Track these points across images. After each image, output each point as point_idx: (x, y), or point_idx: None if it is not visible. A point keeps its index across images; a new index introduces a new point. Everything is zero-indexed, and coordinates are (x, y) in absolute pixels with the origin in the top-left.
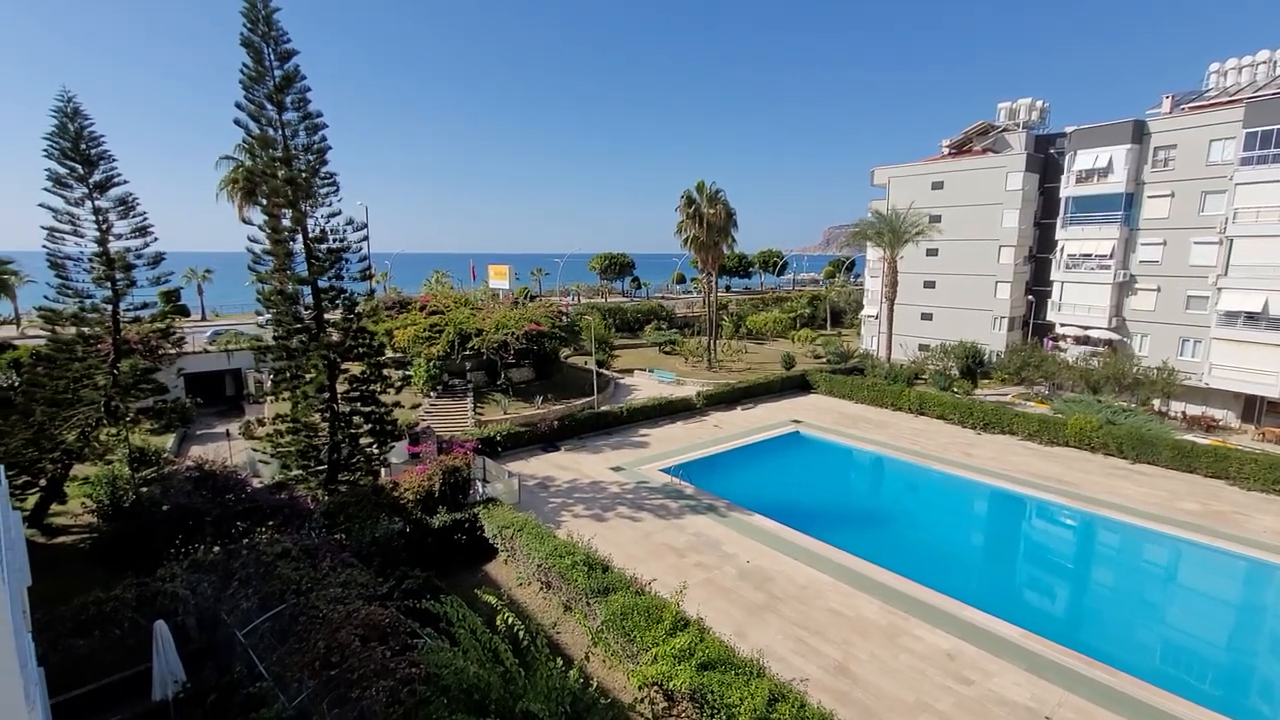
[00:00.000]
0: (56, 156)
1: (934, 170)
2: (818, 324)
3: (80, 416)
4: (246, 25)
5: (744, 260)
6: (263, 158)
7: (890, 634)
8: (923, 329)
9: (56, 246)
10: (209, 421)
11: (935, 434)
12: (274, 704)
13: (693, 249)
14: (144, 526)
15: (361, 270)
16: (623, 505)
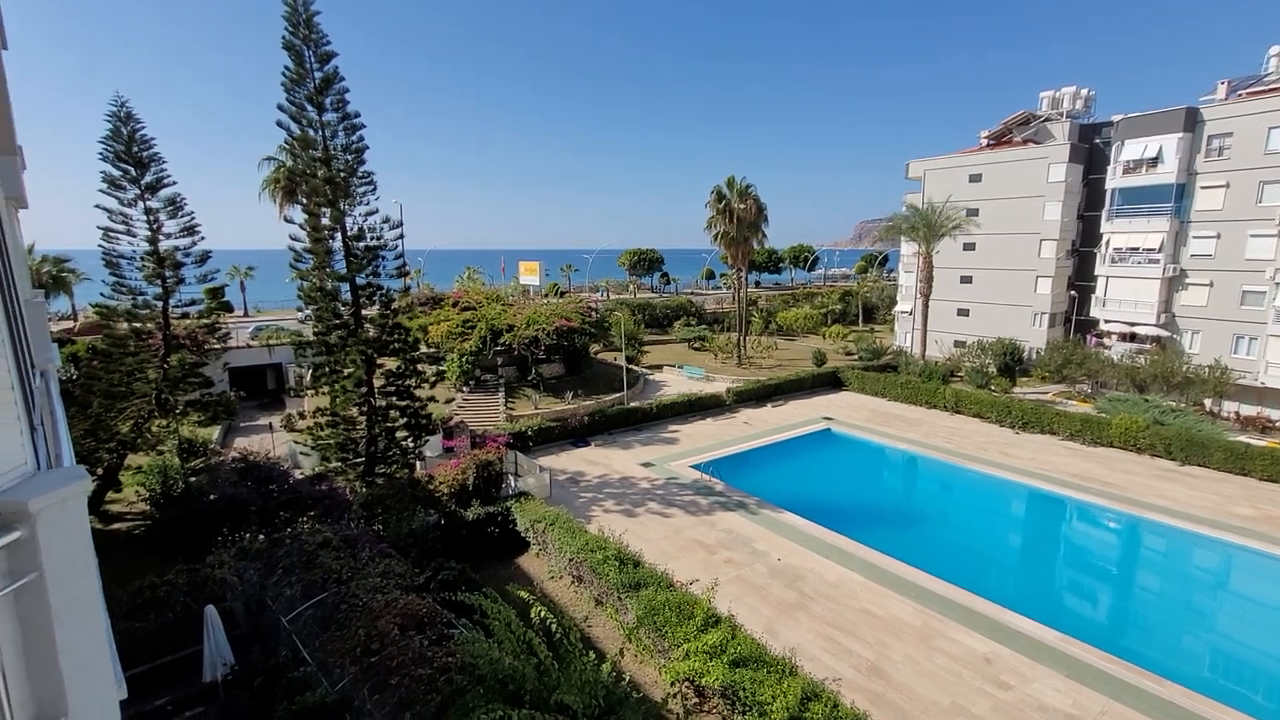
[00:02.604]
0: (111, 159)
1: (972, 162)
2: (849, 320)
3: (133, 408)
4: (288, 29)
5: (774, 256)
6: (303, 158)
7: (925, 635)
8: (959, 325)
9: (111, 245)
10: (252, 414)
11: (971, 433)
12: (317, 689)
13: (722, 244)
14: (193, 515)
15: (397, 267)
16: (653, 501)
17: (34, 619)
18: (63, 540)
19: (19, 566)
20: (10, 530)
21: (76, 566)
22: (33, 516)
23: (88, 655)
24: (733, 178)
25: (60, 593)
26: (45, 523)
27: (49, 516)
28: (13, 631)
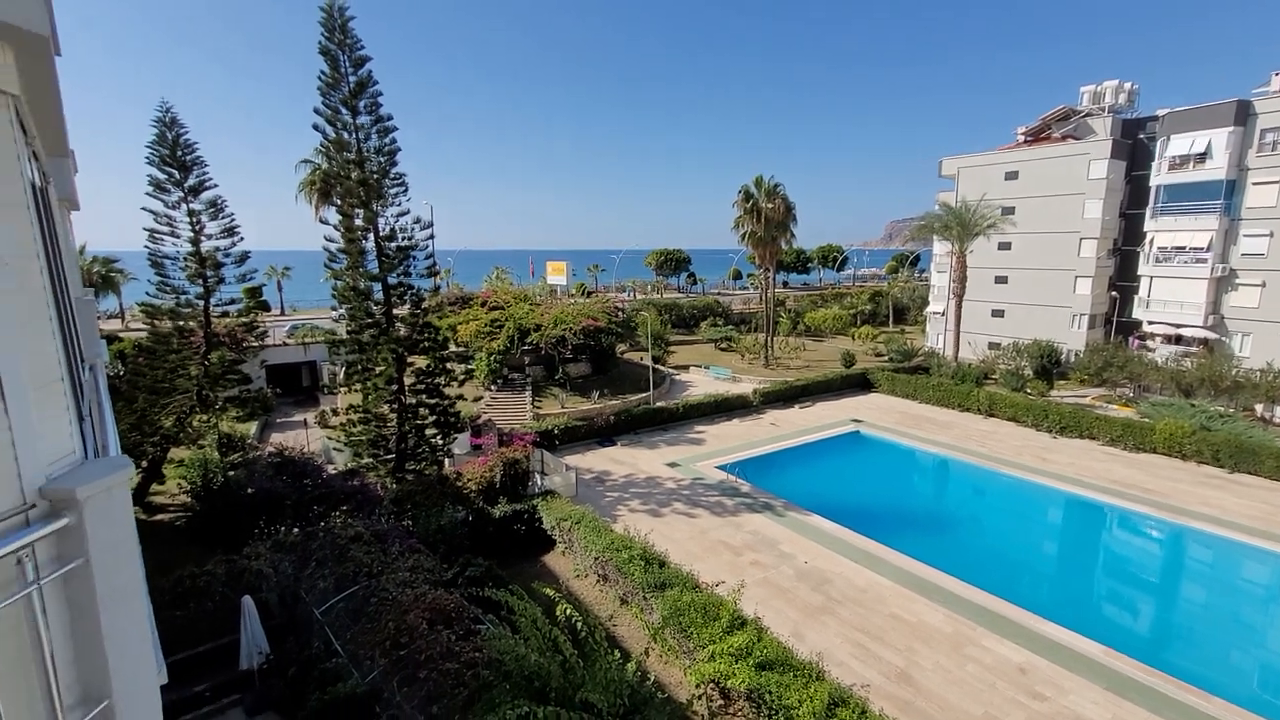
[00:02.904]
0: (156, 163)
1: (1008, 159)
2: (879, 321)
3: (176, 403)
4: (324, 34)
5: (802, 256)
6: (338, 160)
7: (956, 643)
8: (993, 326)
9: (156, 246)
10: (287, 410)
11: (1006, 437)
12: (348, 679)
13: (750, 244)
14: (231, 507)
15: (427, 267)
16: (679, 501)
17: (80, 604)
18: (108, 528)
19: (67, 552)
20: (59, 517)
21: (121, 554)
22: (80, 504)
23: (131, 641)
24: (760, 177)
25: (105, 579)
26: (92, 510)
27: (95, 504)
28: (60, 616)
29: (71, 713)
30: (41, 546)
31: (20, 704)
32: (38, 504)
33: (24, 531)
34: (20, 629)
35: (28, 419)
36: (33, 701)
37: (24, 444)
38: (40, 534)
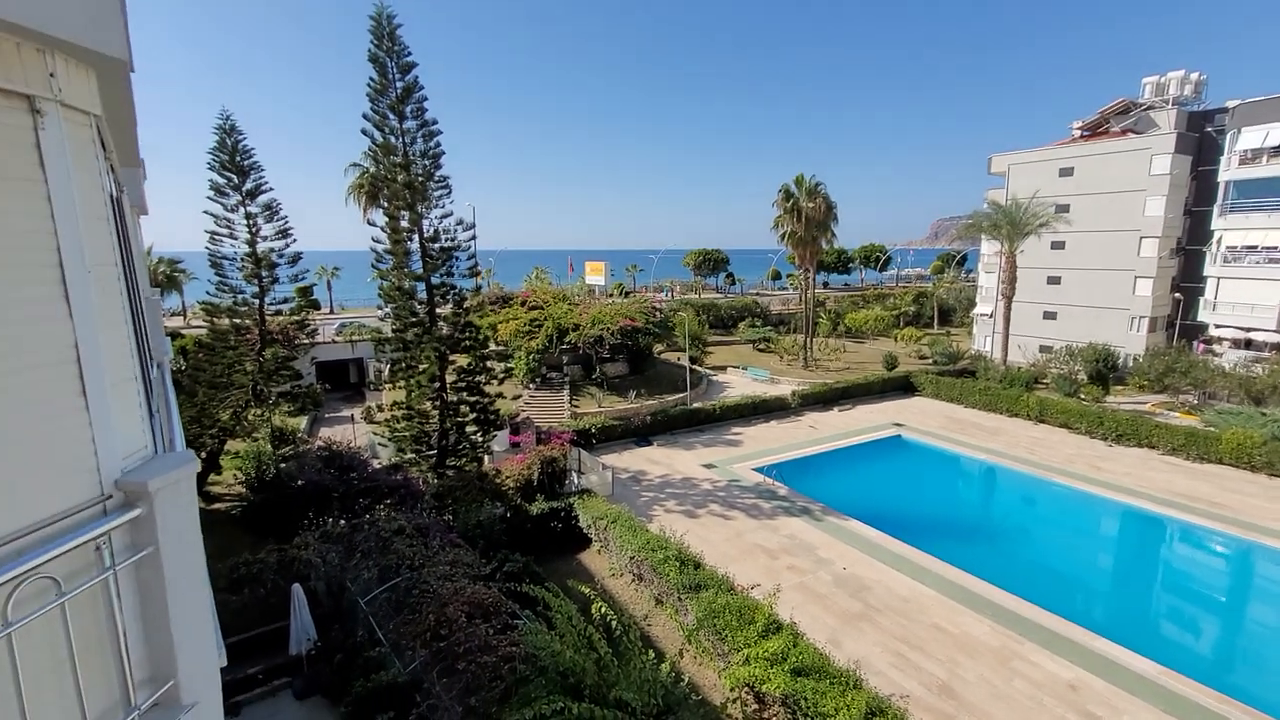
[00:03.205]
0: (217, 168)
1: (1063, 155)
2: (923, 322)
3: (233, 398)
4: (373, 42)
5: (843, 255)
6: (385, 164)
7: (1002, 657)
8: (1045, 329)
9: (216, 248)
10: (336, 406)
11: (1057, 444)
12: (391, 668)
13: (790, 244)
14: (283, 498)
15: (469, 267)
16: (714, 503)
17: (150, 589)
18: (175, 517)
19: (139, 540)
20: (132, 507)
21: (186, 542)
22: (151, 495)
23: (195, 624)
24: (801, 176)
25: (173, 566)
26: (161, 501)
27: (165, 496)
28: (132, 599)
29: (141, 689)
30: (116, 535)
31: (97, 679)
32: (114, 495)
33: (102, 521)
34: (97, 611)
35: (107, 416)
36: (108, 678)
37: (103, 439)
38: (116, 523)
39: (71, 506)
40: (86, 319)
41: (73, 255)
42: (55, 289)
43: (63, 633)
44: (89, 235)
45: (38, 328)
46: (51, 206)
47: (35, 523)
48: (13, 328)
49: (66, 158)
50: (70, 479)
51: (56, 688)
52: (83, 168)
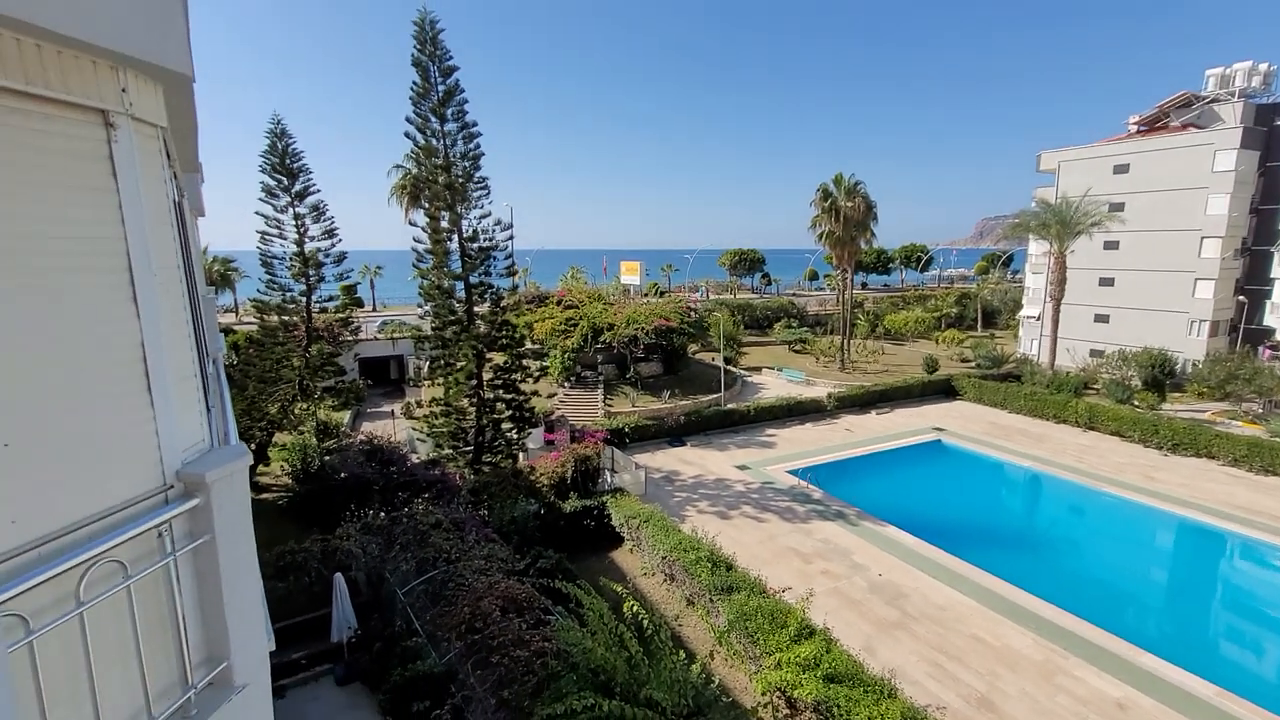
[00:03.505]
0: (268, 170)
1: (1117, 151)
2: (966, 324)
3: (281, 392)
4: (416, 46)
5: (883, 255)
6: (426, 165)
7: (1045, 671)
8: (1096, 332)
9: (266, 247)
10: (377, 401)
11: (1108, 452)
12: (427, 658)
13: (827, 244)
14: (326, 490)
15: (506, 267)
16: (747, 505)
17: (206, 575)
18: (230, 508)
19: (196, 529)
20: (191, 497)
21: (239, 531)
22: (208, 486)
23: (246, 609)
24: (840, 175)
25: (227, 554)
26: (218, 492)
27: (220, 487)
28: (191, 584)
29: (198, 670)
30: (177, 523)
31: (159, 659)
32: (175, 485)
33: (164, 509)
34: (159, 594)
35: (169, 411)
36: (168, 658)
37: (166, 433)
38: (176, 512)
39: (137, 495)
40: (152, 320)
41: (141, 260)
42: (125, 292)
43: (128, 614)
44: (155, 240)
45: (109, 328)
46: (122, 214)
47: (105, 509)
48: (87, 328)
49: (136, 168)
50: (136, 470)
51: (122, 665)
52: (150, 177)
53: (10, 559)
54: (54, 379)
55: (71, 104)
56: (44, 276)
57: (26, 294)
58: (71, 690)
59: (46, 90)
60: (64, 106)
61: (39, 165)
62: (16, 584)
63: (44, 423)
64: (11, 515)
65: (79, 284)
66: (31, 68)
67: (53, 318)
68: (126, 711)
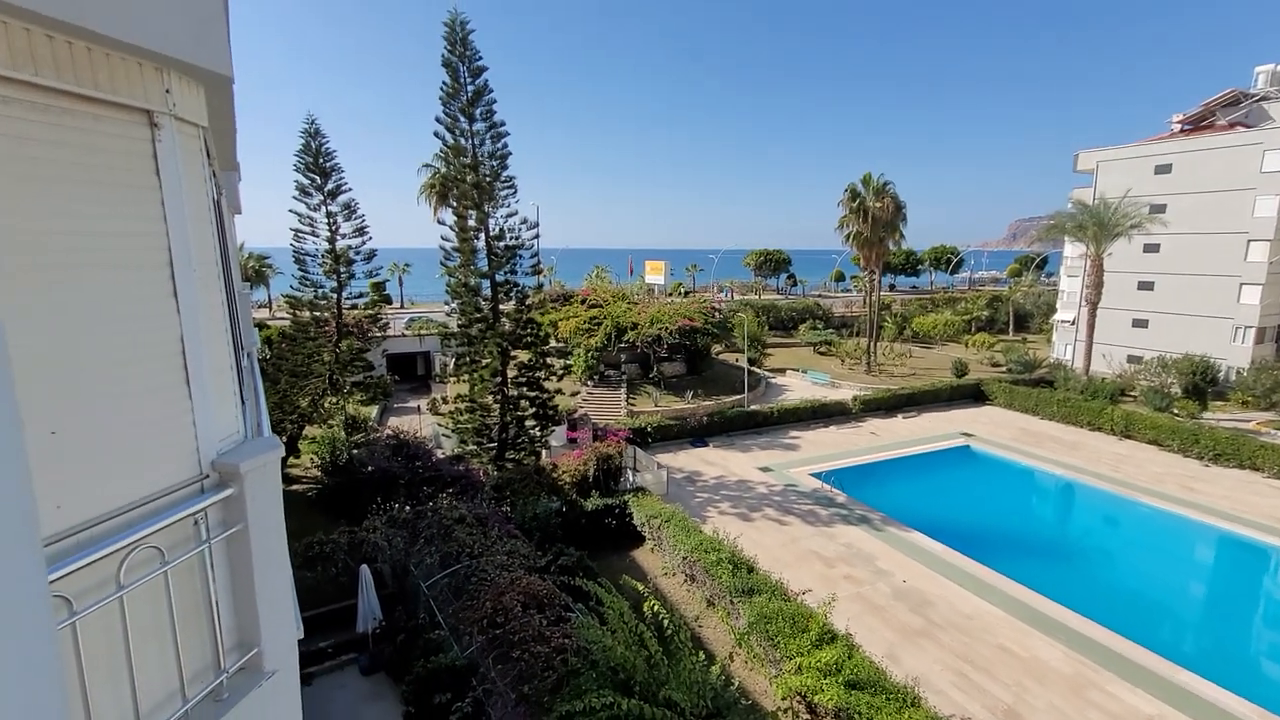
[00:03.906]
0: (302, 169)
1: (1159, 151)
2: (997, 328)
3: (312, 386)
4: (446, 47)
5: (912, 257)
6: (455, 164)
7: (1075, 685)
8: (1134, 338)
9: (299, 244)
10: (403, 396)
11: (1145, 462)
12: (449, 651)
13: (855, 245)
14: (354, 483)
15: (532, 265)
16: (770, 507)
17: (239, 563)
18: (262, 498)
19: (230, 518)
20: (226, 487)
21: (271, 521)
22: (242, 477)
23: (277, 597)
24: (869, 175)
25: (259, 542)
26: (251, 482)
27: (254, 478)
28: (224, 571)
29: (230, 655)
30: (212, 511)
31: (193, 643)
32: (210, 475)
33: (200, 498)
34: (194, 581)
35: (206, 403)
36: (202, 642)
37: (203, 424)
38: (212, 501)
39: (175, 484)
40: (191, 314)
41: (181, 255)
42: (166, 287)
43: (165, 599)
44: (195, 237)
45: (151, 322)
46: (165, 211)
47: (145, 497)
48: (130, 322)
49: (178, 166)
50: (174, 459)
51: (159, 648)
52: (191, 175)
53: (56, 543)
54: (98, 370)
55: (119, 104)
56: (92, 271)
57: (76, 288)
58: (111, 670)
59: (96, 91)
60: (112, 107)
61: (89, 163)
62: (61, 567)
63: (88, 412)
64: (57, 500)
65: (123, 279)
66: (82, 70)
67: (98, 311)
68: (162, 692)
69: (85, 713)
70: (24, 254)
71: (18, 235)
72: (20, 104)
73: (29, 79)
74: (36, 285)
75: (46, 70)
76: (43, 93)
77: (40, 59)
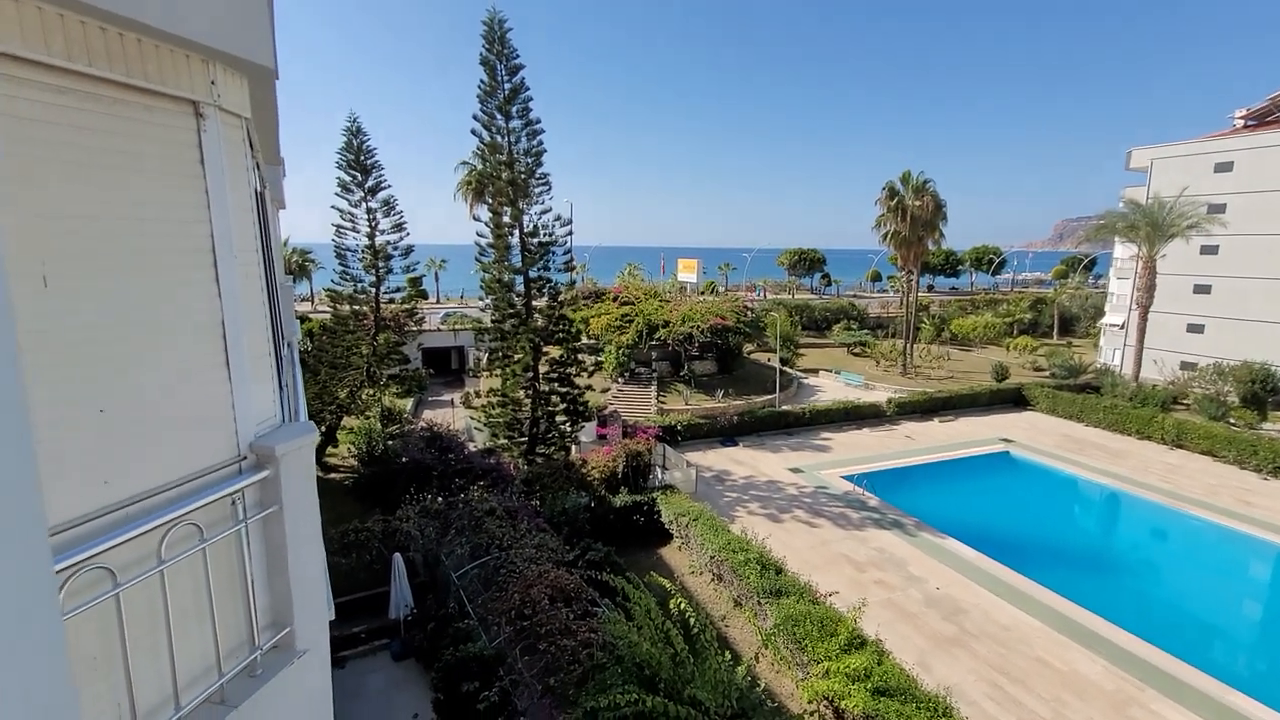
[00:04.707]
0: (344, 166)
1: (1220, 148)
2: (1040, 331)
3: (350, 378)
4: (484, 46)
5: (952, 257)
6: (491, 162)
7: (1118, 702)
8: (1188, 343)
9: (340, 240)
10: (438, 390)
11: (1198, 473)
12: (478, 641)
13: (892, 244)
14: (389, 473)
15: (565, 262)
16: (799, 509)
17: (274, 543)
18: (297, 481)
19: (266, 499)
20: (263, 468)
21: (305, 504)
22: (278, 459)
23: (310, 578)
24: (908, 172)
25: (293, 524)
26: (286, 465)
27: (289, 460)
28: (259, 550)
29: (264, 633)
30: (249, 492)
31: (229, 619)
32: (248, 456)
33: (238, 478)
34: (230, 559)
35: (245, 386)
36: (238, 618)
37: (241, 406)
38: (249, 481)
39: (214, 464)
40: (232, 299)
41: (224, 243)
42: (209, 272)
43: (203, 575)
44: (237, 226)
45: (194, 306)
46: (208, 199)
47: (185, 476)
48: (174, 306)
49: (222, 156)
50: (214, 440)
51: (197, 623)
52: (234, 164)
53: (102, 516)
54: (144, 351)
55: (167, 95)
56: (139, 256)
57: (124, 272)
58: (151, 641)
59: (146, 82)
60: (161, 98)
61: (138, 152)
62: (107, 539)
63: (134, 391)
64: (105, 476)
65: (168, 263)
66: (133, 61)
67: (146, 294)
68: (200, 665)
69: (126, 680)
70: (77, 238)
71: (72, 220)
72: (76, 94)
73: (84, 70)
74: (88, 268)
75: (100, 61)
76: (97, 83)
77: (94, 51)
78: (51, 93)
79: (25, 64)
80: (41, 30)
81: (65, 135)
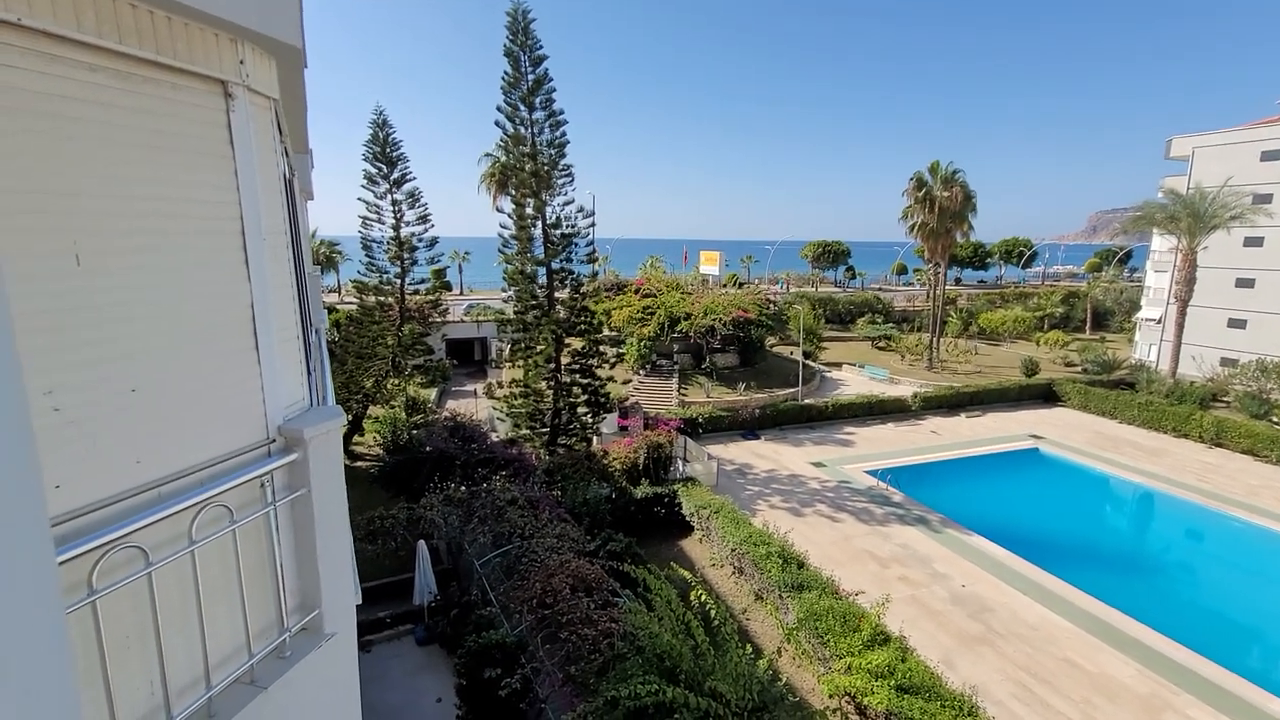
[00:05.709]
0: (370, 159)
1: (1268, 136)
2: (1072, 326)
3: (375, 368)
4: (508, 37)
5: (980, 250)
6: (514, 153)
7: (1151, 706)
8: (1230, 339)
9: (366, 232)
10: (461, 380)
11: (1237, 472)
12: (500, 628)
13: (919, 236)
14: (413, 461)
15: (587, 254)
16: (822, 503)
17: (302, 526)
18: (325, 465)
19: (294, 482)
20: (291, 452)
21: (332, 488)
22: (306, 443)
23: (337, 562)
24: (937, 163)
25: (321, 507)
26: (315, 449)
27: (317, 444)
28: (288, 533)
29: (292, 615)
30: (277, 475)
31: (258, 600)
32: (277, 439)
33: (267, 461)
34: (260, 541)
35: (274, 368)
36: (266, 600)
37: (270, 389)
38: (278, 464)
39: (243, 446)
40: (261, 281)
41: (252, 224)
42: (238, 254)
43: (233, 556)
44: (265, 207)
45: (224, 287)
46: (237, 179)
47: (215, 457)
48: (203, 287)
49: (250, 136)
50: (243, 422)
51: (227, 603)
52: (262, 146)
53: (134, 496)
54: (174, 332)
55: (196, 74)
56: (169, 237)
57: (154, 252)
58: (183, 621)
59: (175, 60)
60: (190, 76)
61: (167, 131)
62: (139, 519)
63: (164, 372)
64: (137, 456)
65: (197, 244)
66: (163, 39)
67: (176, 274)
68: (230, 645)
69: (159, 659)
70: (108, 217)
71: (104, 199)
72: (106, 72)
73: (114, 47)
74: (119, 247)
75: (130, 39)
76: (127, 61)
77: (124, 28)
78: (84, 70)
79: (57, 40)
80: (73, 6)
81: (97, 114)
